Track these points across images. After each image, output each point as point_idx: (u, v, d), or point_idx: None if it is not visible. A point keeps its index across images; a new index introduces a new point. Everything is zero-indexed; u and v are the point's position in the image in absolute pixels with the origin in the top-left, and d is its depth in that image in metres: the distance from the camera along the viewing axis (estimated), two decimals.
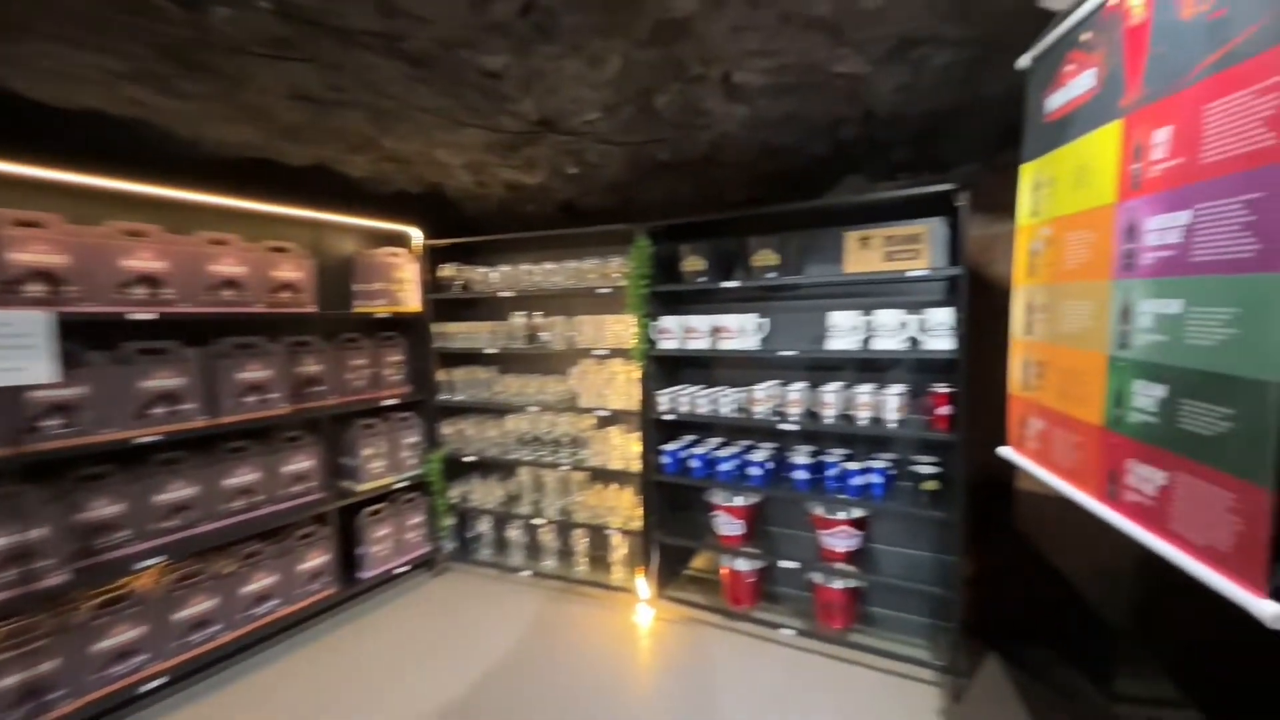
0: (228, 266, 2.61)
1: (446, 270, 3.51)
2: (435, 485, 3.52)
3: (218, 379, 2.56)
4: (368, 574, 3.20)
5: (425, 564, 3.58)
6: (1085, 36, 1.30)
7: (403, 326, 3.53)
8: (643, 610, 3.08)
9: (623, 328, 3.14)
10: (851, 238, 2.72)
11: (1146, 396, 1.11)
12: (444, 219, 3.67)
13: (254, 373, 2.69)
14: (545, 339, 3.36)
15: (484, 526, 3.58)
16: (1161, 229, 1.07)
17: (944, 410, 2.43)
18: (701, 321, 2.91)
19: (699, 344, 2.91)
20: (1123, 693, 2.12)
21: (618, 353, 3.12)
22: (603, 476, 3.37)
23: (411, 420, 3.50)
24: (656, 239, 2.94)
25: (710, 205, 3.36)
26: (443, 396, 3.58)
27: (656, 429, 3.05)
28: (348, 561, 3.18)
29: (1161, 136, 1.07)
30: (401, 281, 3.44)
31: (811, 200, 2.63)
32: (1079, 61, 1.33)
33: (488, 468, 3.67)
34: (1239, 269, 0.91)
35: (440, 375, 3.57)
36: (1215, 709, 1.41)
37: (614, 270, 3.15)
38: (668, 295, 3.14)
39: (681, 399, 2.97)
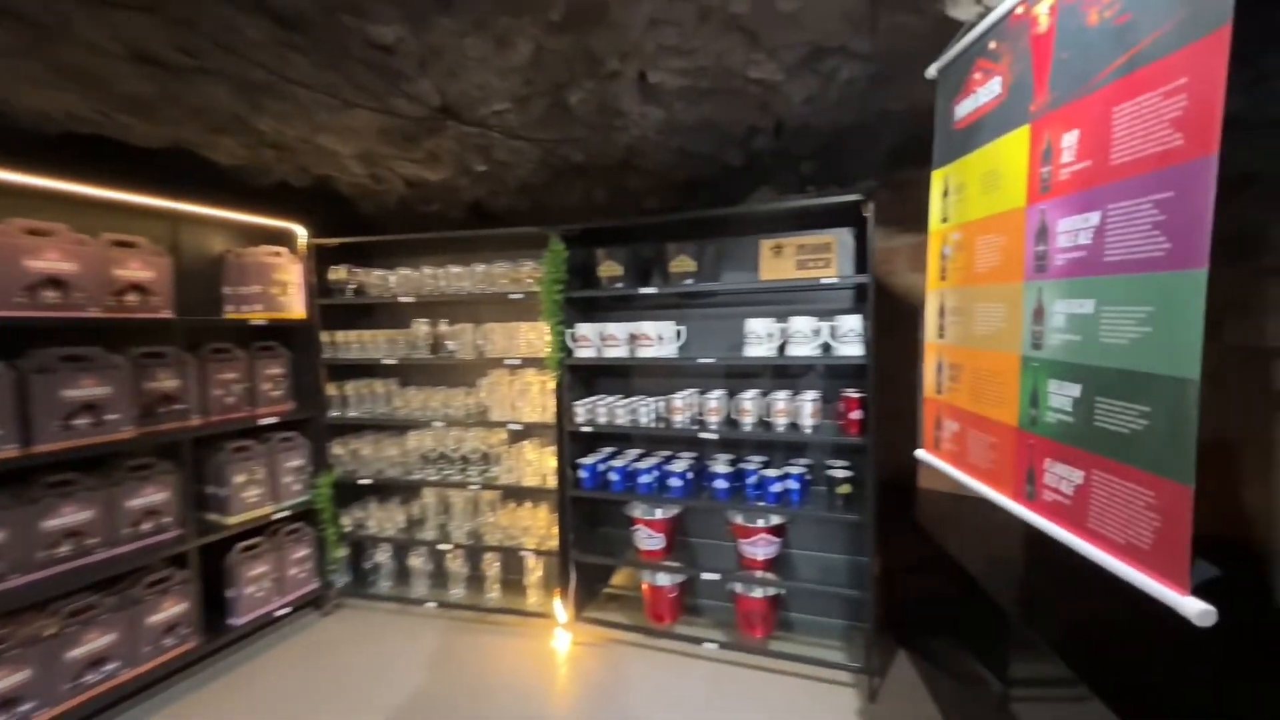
0: (50, 262, 2.14)
1: (338, 273, 3.14)
2: (324, 513, 3.11)
3: (34, 398, 2.08)
4: (240, 620, 2.75)
5: (313, 603, 3.15)
6: (992, 45, 1.33)
7: (285, 335, 3.12)
8: (560, 635, 2.87)
9: (536, 335, 2.95)
10: (766, 246, 2.71)
11: (1061, 396, 1.11)
12: (335, 217, 3.30)
13: (87, 389, 2.22)
14: (452, 348, 3.09)
15: (382, 556, 3.22)
16: (1072, 230, 1.08)
17: (855, 415, 2.46)
18: (619, 329, 2.78)
19: (617, 352, 2.78)
20: (1018, 676, 2.22)
21: (531, 362, 2.92)
22: (516, 495, 3.14)
23: (295, 441, 3.08)
24: (571, 243, 2.79)
25: (625, 212, 3.26)
26: (334, 413, 3.19)
27: (573, 442, 2.88)
28: (215, 607, 2.72)
29: (1070, 140, 1.09)
30: (283, 284, 3.04)
31: (726, 207, 2.60)
32: (986, 69, 1.35)
33: (387, 490, 3.32)
34: (1151, 267, 0.92)
35: (330, 389, 3.18)
36: (1101, 684, 1.47)
37: (526, 275, 2.96)
38: (584, 301, 3.00)
39: (599, 409, 2.82)
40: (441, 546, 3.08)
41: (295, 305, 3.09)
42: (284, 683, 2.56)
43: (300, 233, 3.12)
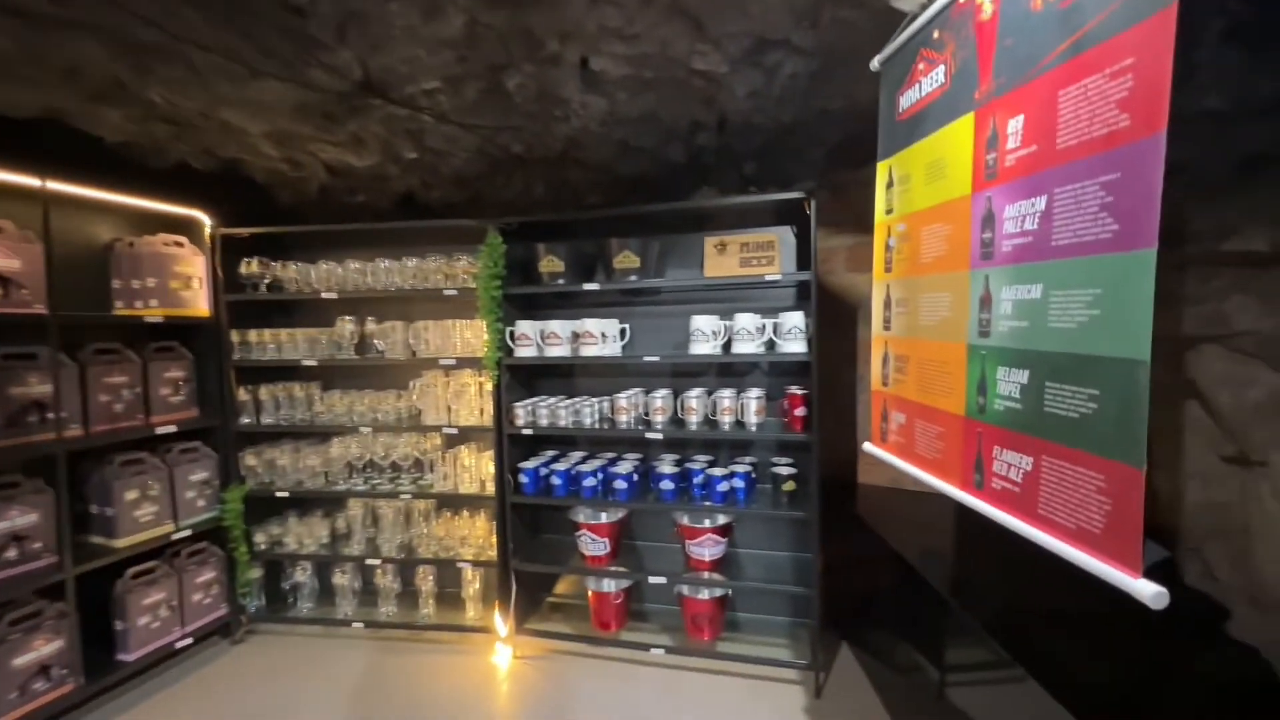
0: None
1: (250, 266, 2.85)
2: (234, 530, 2.80)
3: None
4: (132, 655, 2.41)
5: (222, 630, 2.83)
6: (936, 34, 1.32)
7: (187, 335, 2.79)
8: (501, 649, 2.70)
9: (473, 334, 2.78)
10: (710, 243, 2.67)
11: (1009, 383, 1.09)
12: (247, 205, 3.00)
13: None
14: (380, 348, 2.86)
15: (303, 575, 2.93)
16: (1019, 216, 1.07)
17: (799, 412, 2.44)
18: (562, 326, 2.66)
19: (559, 350, 2.65)
20: (954, 662, 2.27)
21: (468, 362, 2.74)
22: (452, 503, 2.94)
23: (199, 452, 2.76)
24: (510, 237, 2.64)
25: (566, 207, 3.14)
26: (245, 420, 2.89)
27: (513, 445, 2.73)
28: (101, 642, 2.38)
29: (1015, 125, 1.08)
30: (185, 278, 2.72)
31: (670, 203, 2.53)
32: (930, 59, 1.34)
33: (307, 503, 3.03)
34: (1099, 249, 0.90)
35: (241, 394, 2.88)
36: (1033, 664, 1.50)
37: (462, 270, 2.79)
38: (524, 298, 2.85)
39: (541, 411, 2.68)
40: (370, 562, 2.84)
41: (199, 301, 2.77)
42: None
43: (205, 221, 2.80)
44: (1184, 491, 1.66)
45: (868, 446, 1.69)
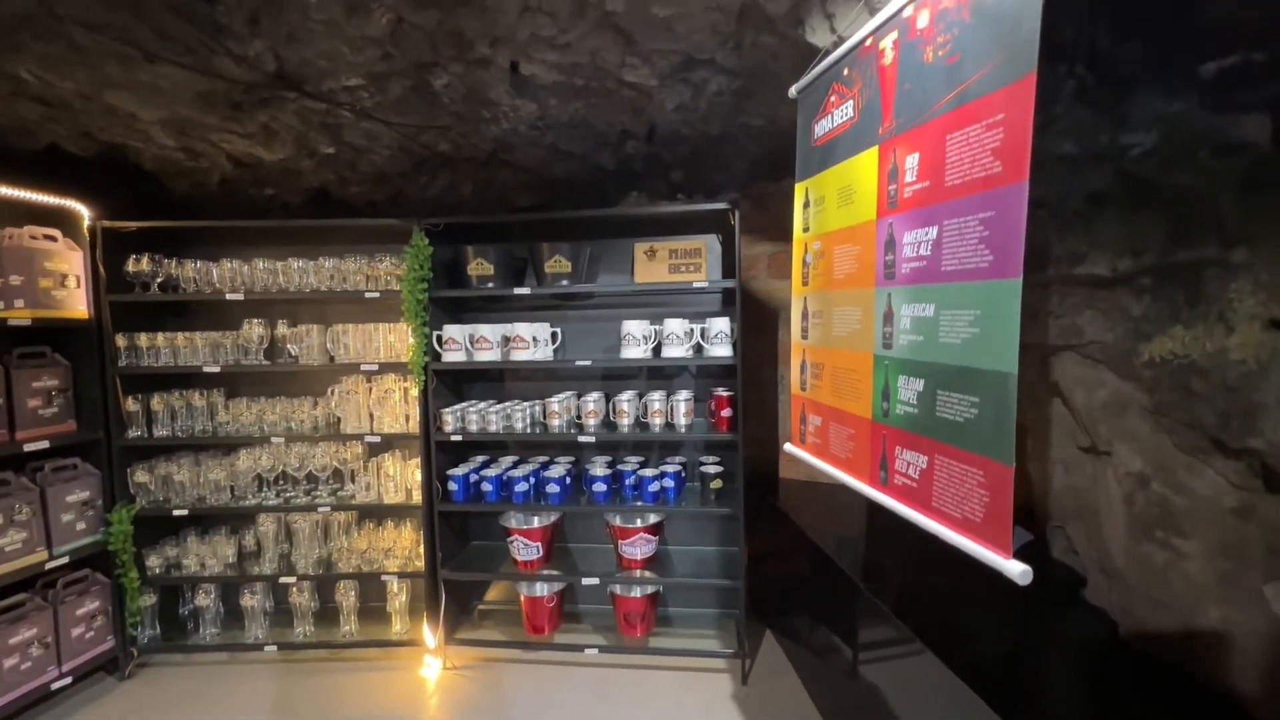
0: None
1: (139, 264, 2.60)
2: (122, 555, 2.56)
3: None
4: None
5: (108, 666, 2.58)
6: (846, 71, 1.45)
7: (61, 339, 2.51)
8: (430, 662, 2.65)
9: (397, 338, 2.69)
10: (640, 249, 2.75)
11: (908, 390, 1.24)
12: (135, 196, 2.74)
13: None
14: (294, 353, 2.71)
15: (205, 599, 2.72)
16: (915, 242, 1.21)
17: (725, 413, 2.57)
18: (492, 331, 2.64)
19: (489, 355, 2.63)
20: (865, 641, 2.49)
21: (392, 367, 2.66)
22: (375, 514, 2.84)
23: (78, 470, 2.49)
24: (437, 238, 2.58)
25: (494, 208, 3.11)
26: (134, 433, 2.64)
27: (441, 452, 2.67)
28: None
29: (912, 162, 1.22)
30: (58, 276, 2.44)
31: (601, 209, 2.58)
32: (841, 93, 1.47)
33: (210, 520, 2.82)
34: (977, 276, 1.05)
35: (129, 405, 2.62)
36: (929, 637, 1.69)
37: (385, 272, 2.69)
38: (451, 302, 2.80)
39: (470, 416, 2.65)
40: (284, 580, 2.69)
41: (75, 302, 2.50)
42: None
43: (84, 213, 2.53)
44: (1051, 477, 1.92)
45: (788, 447, 1.82)
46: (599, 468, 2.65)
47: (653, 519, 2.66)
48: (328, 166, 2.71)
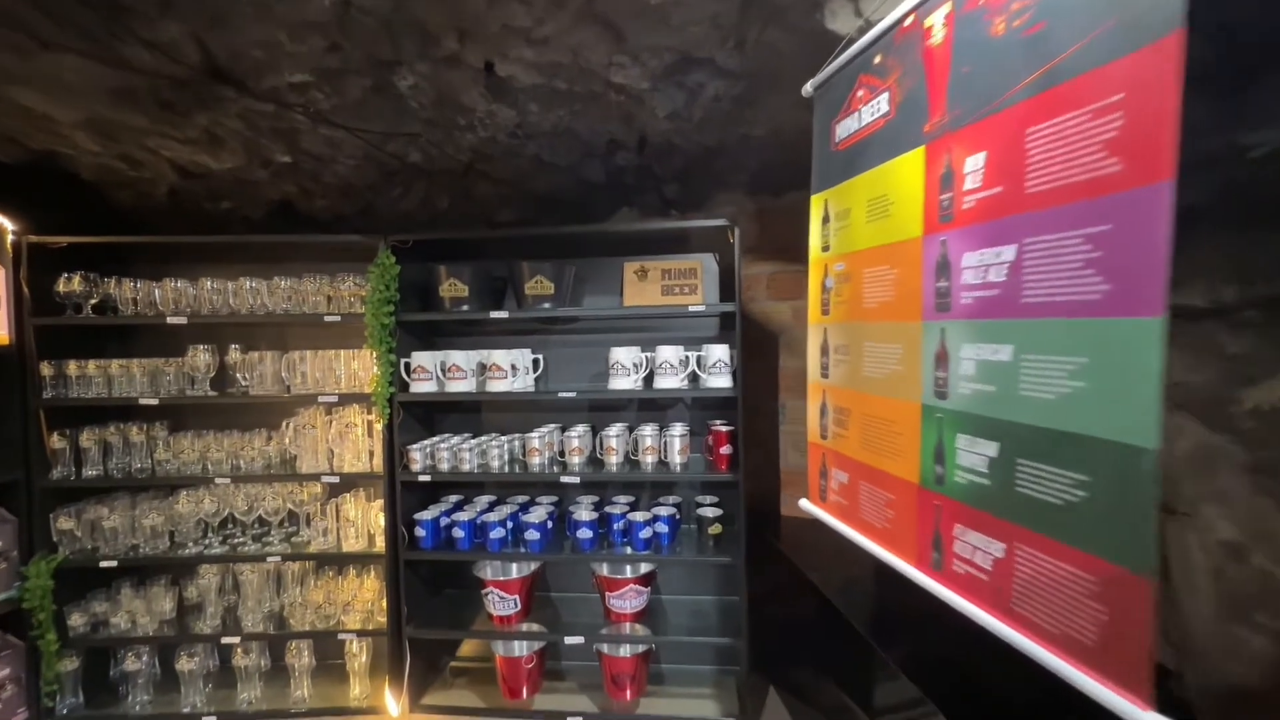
0: None
1: (70, 283, 2.26)
2: (39, 614, 2.18)
3: None
4: None
5: None
6: (878, 59, 1.18)
7: None
8: None
9: (361, 366, 2.37)
10: (629, 269, 2.45)
11: (973, 454, 0.94)
12: (71, 209, 2.41)
13: None
14: (245, 382, 2.37)
15: (136, 662, 2.34)
16: (981, 265, 0.92)
17: (725, 450, 2.26)
18: (466, 358, 2.32)
19: (462, 385, 2.31)
20: (880, 704, 2.17)
21: (354, 398, 2.32)
22: (334, 563, 2.49)
23: None
24: (405, 256, 2.28)
25: (473, 224, 2.81)
26: (59, 473, 2.28)
27: (409, 493, 2.34)
28: None
29: (975, 164, 0.93)
30: None
31: (587, 225, 2.29)
32: (871, 85, 1.20)
33: (146, 572, 2.44)
34: (1084, 312, 0.76)
35: (54, 441, 2.26)
36: (948, 705, 1.39)
37: (348, 293, 2.37)
38: (421, 326, 2.48)
39: (441, 453, 2.32)
40: (227, 640, 2.31)
41: None
42: None
43: (6, 226, 2.19)
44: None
45: (805, 504, 1.51)
46: (584, 510, 2.33)
47: (644, 569, 2.33)
48: (287, 177, 2.40)
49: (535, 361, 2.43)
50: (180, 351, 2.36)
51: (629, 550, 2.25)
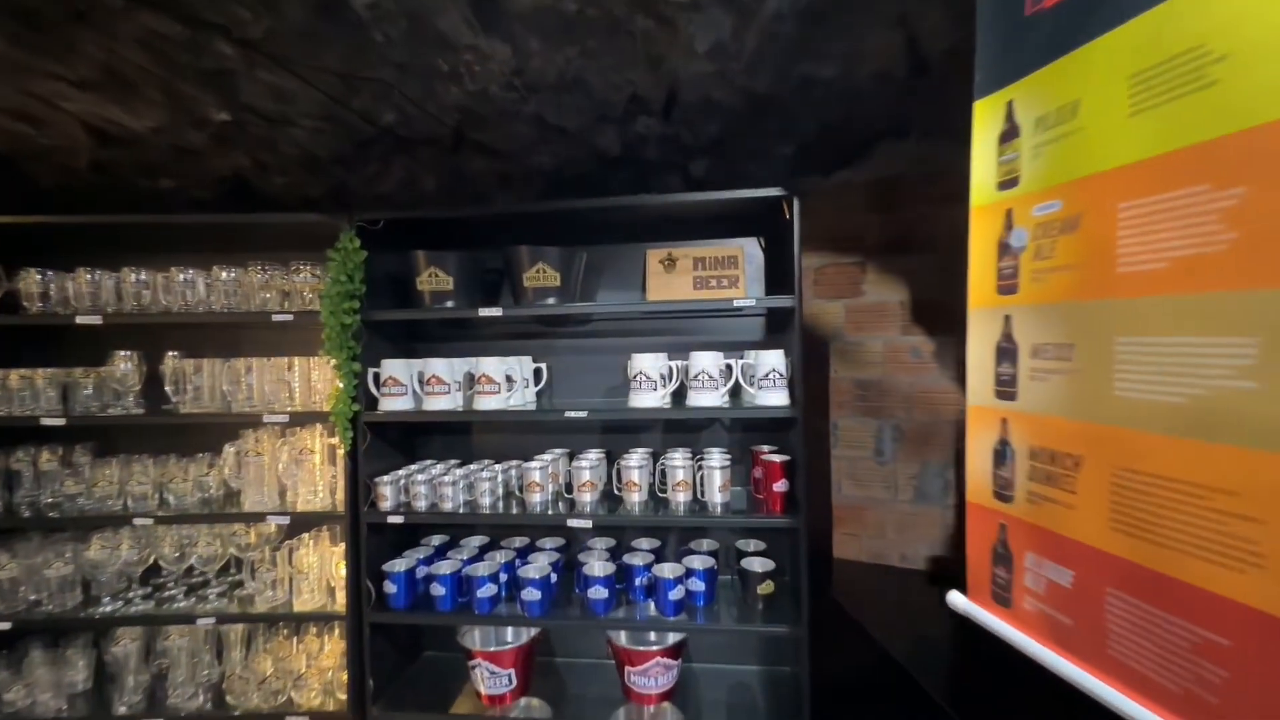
0: None
1: None
2: None
3: None
4: None
5: None
6: None
7: None
8: None
9: (320, 378, 1.83)
10: (653, 257, 1.90)
11: None
12: None
13: None
14: (176, 398, 1.84)
15: None
16: None
17: (779, 486, 1.69)
18: (449, 368, 1.78)
19: (445, 402, 1.76)
20: None
21: (311, 417, 1.79)
22: (285, 624, 1.93)
23: None
24: (376, 240, 1.75)
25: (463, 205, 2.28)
26: None
27: (377, 537, 1.79)
28: None
29: None
30: None
31: (603, 198, 1.75)
32: None
33: (48, 635, 1.90)
34: None
35: None
36: None
37: (305, 287, 1.84)
38: (395, 328, 1.95)
39: (418, 488, 1.77)
40: None
41: None
42: None
43: None
44: None
45: (960, 601, 0.93)
46: (597, 561, 1.76)
47: (673, 639, 1.75)
48: (234, 145, 1.89)
49: (536, 372, 1.89)
50: (98, 359, 1.84)
51: (655, 612, 1.69)
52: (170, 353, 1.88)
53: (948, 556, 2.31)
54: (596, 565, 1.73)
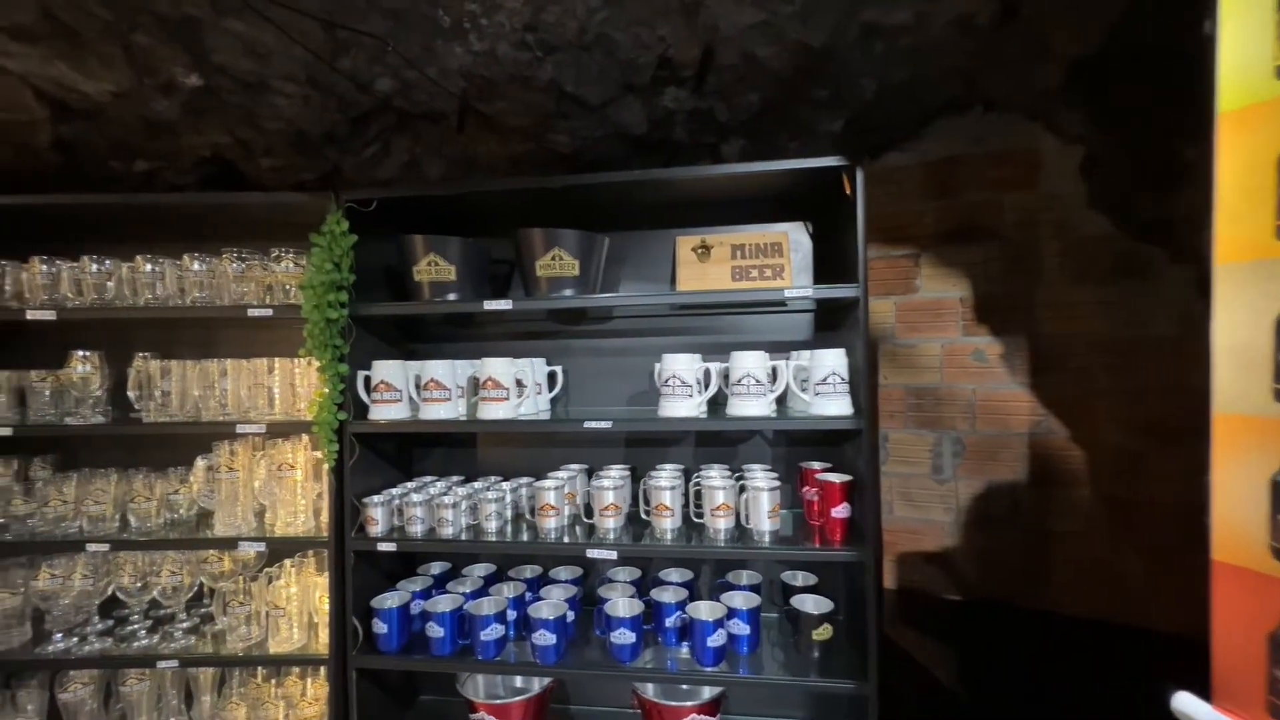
0: None
1: None
2: None
3: None
4: None
5: None
6: None
7: None
8: None
9: (304, 382, 1.54)
10: (685, 244, 1.58)
11: None
12: None
13: None
14: (141, 405, 1.56)
15: None
16: None
17: (839, 512, 1.36)
18: (450, 370, 1.48)
19: (445, 410, 1.46)
20: None
21: (293, 427, 1.49)
22: (262, 666, 1.62)
23: None
24: (367, 224, 1.45)
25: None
26: None
27: (368, 566, 1.48)
28: None
29: None
30: None
31: (627, 172, 1.44)
32: None
33: (10, 669, 1.60)
34: None
35: None
36: None
37: (286, 278, 1.55)
38: (390, 324, 1.65)
39: (413, 509, 1.46)
40: None
41: None
42: None
43: None
44: None
45: (1196, 710, 0.60)
46: (621, 598, 1.44)
47: (709, 694, 1.42)
48: (210, 118, 1.61)
49: (551, 375, 1.58)
50: (53, 360, 1.56)
51: (689, 658, 1.36)
52: (140, 354, 1.59)
53: (1026, 590, 1.92)
54: (620, 604, 1.41)
